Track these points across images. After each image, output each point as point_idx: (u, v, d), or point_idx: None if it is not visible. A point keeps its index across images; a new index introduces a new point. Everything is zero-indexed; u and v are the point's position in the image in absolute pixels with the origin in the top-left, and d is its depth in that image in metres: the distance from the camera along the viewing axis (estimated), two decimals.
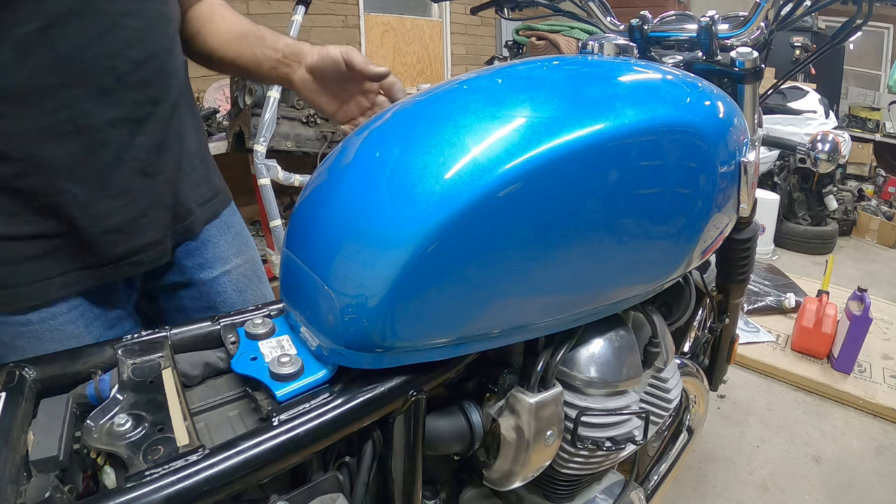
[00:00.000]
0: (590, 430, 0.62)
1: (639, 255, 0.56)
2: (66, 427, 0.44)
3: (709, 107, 0.60)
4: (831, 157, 0.75)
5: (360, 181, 0.51)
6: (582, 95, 0.53)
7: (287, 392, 0.47)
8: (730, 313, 0.99)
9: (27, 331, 0.61)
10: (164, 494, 0.38)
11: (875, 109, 4.90)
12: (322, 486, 0.50)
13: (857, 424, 1.82)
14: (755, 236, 0.88)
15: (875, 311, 2.06)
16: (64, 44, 0.55)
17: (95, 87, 0.58)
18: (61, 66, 0.56)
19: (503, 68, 0.59)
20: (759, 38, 0.75)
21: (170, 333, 0.55)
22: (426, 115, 0.54)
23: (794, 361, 2.08)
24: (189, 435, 0.43)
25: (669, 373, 0.73)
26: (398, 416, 0.51)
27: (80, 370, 0.51)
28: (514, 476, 0.61)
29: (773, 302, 2.43)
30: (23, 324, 0.61)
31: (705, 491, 1.52)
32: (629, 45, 0.80)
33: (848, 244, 3.62)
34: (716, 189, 0.59)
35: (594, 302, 0.57)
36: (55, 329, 0.62)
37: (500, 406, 0.60)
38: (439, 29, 4.32)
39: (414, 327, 0.48)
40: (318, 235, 0.52)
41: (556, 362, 0.60)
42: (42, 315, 0.61)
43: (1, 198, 0.57)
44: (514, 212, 0.46)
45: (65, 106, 0.57)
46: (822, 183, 3.34)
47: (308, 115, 2.10)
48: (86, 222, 0.61)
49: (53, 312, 0.62)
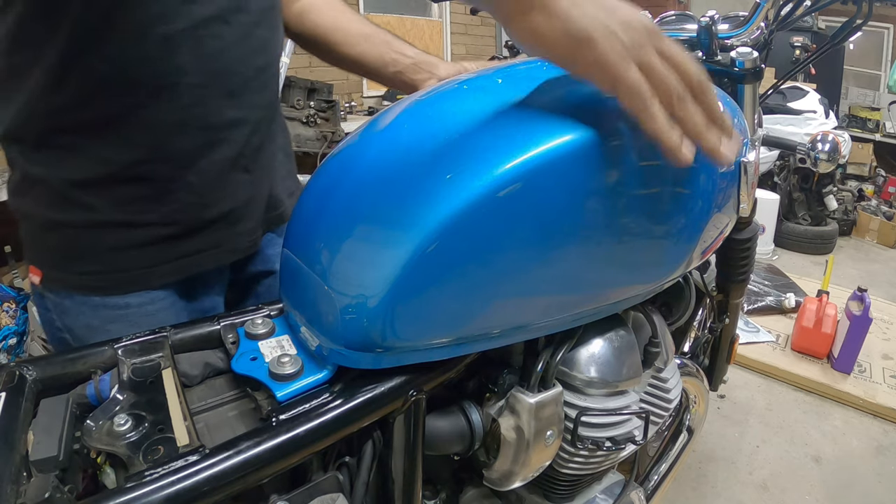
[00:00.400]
0: (590, 430, 0.62)
1: (639, 255, 0.56)
2: (66, 427, 0.44)
3: None
4: (831, 157, 0.75)
5: (360, 181, 0.51)
6: (582, 95, 0.53)
7: (287, 392, 0.47)
8: (730, 313, 0.99)
9: (124, 314, 0.63)
10: (164, 494, 0.38)
11: (875, 109, 4.90)
12: (322, 486, 0.50)
13: (857, 424, 1.82)
14: (755, 236, 0.88)
15: (875, 311, 2.07)
16: (206, 46, 0.60)
17: (226, 89, 0.63)
18: (201, 67, 0.60)
19: (503, 68, 0.59)
20: (759, 38, 0.75)
21: (170, 333, 0.55)
22: (426, 115, 0.54)
23: (794, 361, 2.08)
24: (189, 435, 0.43)
25: (669, 373, 0.73)
26: (398, 416, 0.51)
27: (80, 370, 0.51)
28: (514, 476, 0.61)
29: (773, 302, 2.43)
30: (121, 307, 0.63)
31: (705, 491, 1.52)
32: None
33: (848, 244, 3.62)
34: (716, 189, 0.59)
35: (594, 302, 0.57)
36: (150, 314, 0.64)
37: (500, 406, 0.60)
38: (439, 29, 4.32)
39: (414, 327, 0.48)
40: (318, 235, 0.52)
41: (556, 362, 0.60)
42: (141, 299, 0.64)
43: (121, 186, 0.60)
44: (514, 211, 0.46)
45: (199, 103, 0.61)
46: (822, 183, 3.34)
47: (308, 115, 2.10)
48: (195, 212, 0.65)
49: (152, 297, 0.64)
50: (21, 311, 2.02)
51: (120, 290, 0.63)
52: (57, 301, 0.64)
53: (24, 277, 2.32)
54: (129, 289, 0.63)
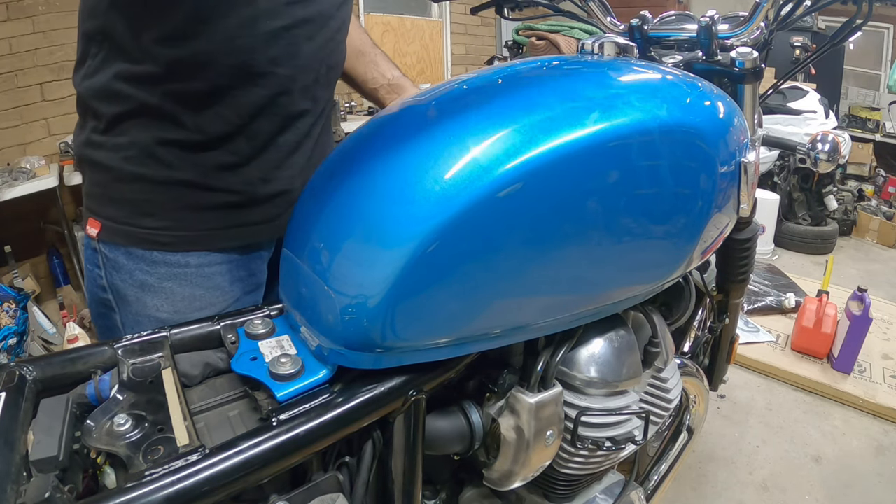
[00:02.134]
0: (590, 430, 0.62)
1: (639, 256, 0.56)
2: (66, 427, 0.44)
3: (709, 107, 0.60)
4: (831, 157, 0.75)
5: (361, 181, 0.51)
6: (582, 96, 0.53)
7: (287, 392, 0.47)
8: (730, 313, 0.99)
9: (182, 273, 0.68)
10: (164, 494, 0.38)
11: (875, 109, 4.90)
12: (322, 486, 0.50)
13: (857, 424, 1.82)
14: (755, 236, 0.88)
15: (875, 311, 2.06)
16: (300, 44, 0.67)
17: (305, 83, 0.70)
18: (292, 61, 0.67)
19: (503, 68, 0.59)
20: (759, 38, 0.75)
21: (170, 333, 0.55)
22: (426, 115, 0.54)
23: (794, 361, 2.08)
24: (189, 435, 0.43)
25: (669, 373, 0.73)
26: (398, 416, 0.51)
27: (80, 370, 0.51)
28: (514, 476, 0.61)
29: (773, 302, 2.43)
30: (181, 265, 0.68)
31: (705, 491, 1.52)
32: (629, 46, 0.80)
33: (848, 244, 3.61)
34: (716, 189, 0.59)
35: (594, 302, 0.57)
36: (207, 276, 0.70)
37: (500, 406, 0.60)
38: (439, 29, 4.32)
39: (414, 327, 0.48)
40: (318, 235, 0.52)
41: (556, 362, 0.60)
42: (200, 259, 0.69)
43: (205, 152, 0.66)
44: (514, 212, 0.46)
45: (284, 92, 0.68)
46: (822, 183, 3.34)
47: None
48: (259, 186, 0.70)
49: (210, 260, 0.69)
50: (21, 311, 2.02)
51: (183, 247, 0.67)
52: (111, 257, 0.67)
53: (24, 277, 2.32)
54: (192, 248, 0.68)
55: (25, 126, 2.36)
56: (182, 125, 0.64)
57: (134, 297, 0.68)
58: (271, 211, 0.73)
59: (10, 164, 2.23)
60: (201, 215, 0.67)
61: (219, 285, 0.71)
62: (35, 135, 2.39)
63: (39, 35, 2.31)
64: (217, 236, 0.69)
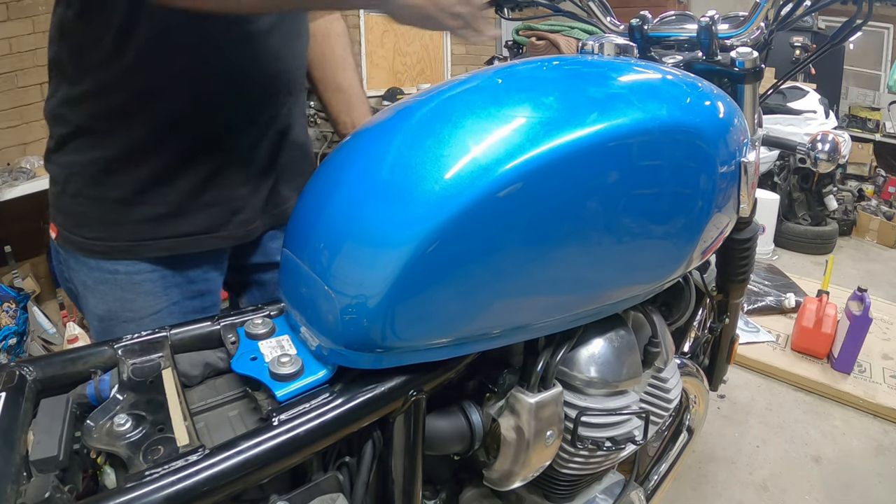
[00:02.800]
0: (590, 430, 0.62)
1: (639, 255, 0.56)
2: (66, 427, 0.44)
3: (709, 107, 0.60)
4: (831, 157, 0.75)
5: (360, 182, 0.51)
6: (582, 96, 0.53)
7: (287, 392, 0.47)
8: (730, 313, 0.99)
9: (112, 278, 0.73)
10: (164, 494, 0.38)
11: (875, 109, 4.89)
12: (322, 486, 0.50)
13: (857, 424, 1.82)
14: (755, 236, 0.88)
15: (875, 311, 2.06)
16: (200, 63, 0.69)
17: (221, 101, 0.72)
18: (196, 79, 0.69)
19: (503, 68, 0.59)
20: (759, 38, 0.75)
21: (170, 333, 0.55)
22: (426, 116, 0.54)
23: (794, 361, 2.08)
24: (189, 435, 0.43)
25: (669, 373, 0.73)
26: (398, 416, 0.51)
27: (80, 370, 0.51)
28: (514, 476, 0.61)
29: (773, 302, 2.43)
30: (111, 272, 0.72)
31: (705, 491, 1.52)
32: (629, 45, 0.80)
33: (848, 244, 3.61)
34: (716, 189, 0.59)
35: (594, 302, 0.57)
36: (136, 283, 0.73)
37: (500, 406, 0.60)
38: None
39: (414, 327, 0.48)
40: (318, 235, 0.52)
41: (556, 362, 0.60)
42: (129, 268, 0.73)
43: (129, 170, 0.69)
44: (514, 212, 0.46)
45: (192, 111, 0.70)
46: (822, 183, 3.34)
47: (308, 115, 2.10)
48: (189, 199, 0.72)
49: (140, 268, 0.73)
50: (21, 311, 2.02)
51: (113, 256, 0.72)
52: (65, 257, 0.75)
53: (24, 277, 2.32)
54: (121, 257, 0.72)
55: (25, 126, 2.36)
56: (109, 145, 0.69)
57: (81, 294, 0.75)
58: (206, 222, 0.74)
59: (10, 164, 2.23)
60: (131, 227, 0.71)
61: (150, 291, 0.74)
62: (35, 135, 2.39)
63: (39, 35, 2.31)
64: (145, 247, 0.72)
